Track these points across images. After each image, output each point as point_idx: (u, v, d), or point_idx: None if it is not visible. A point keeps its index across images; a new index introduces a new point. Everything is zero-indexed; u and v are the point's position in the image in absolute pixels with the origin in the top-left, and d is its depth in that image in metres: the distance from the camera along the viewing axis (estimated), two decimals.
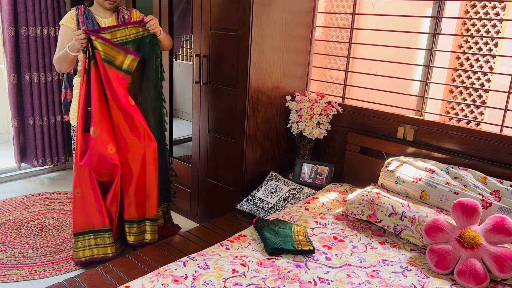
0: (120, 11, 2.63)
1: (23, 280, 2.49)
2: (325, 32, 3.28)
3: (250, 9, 2.59)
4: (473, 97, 2.85)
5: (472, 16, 2.78)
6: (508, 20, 2.59)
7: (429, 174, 2.36)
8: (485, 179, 2.28)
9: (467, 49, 2.85)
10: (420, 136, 2.65)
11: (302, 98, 2.93)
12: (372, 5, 3.05)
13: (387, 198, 2.28)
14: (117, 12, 2.61)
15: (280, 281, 1.78)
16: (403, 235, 2.14)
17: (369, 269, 1.91)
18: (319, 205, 2.50)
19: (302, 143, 3.00)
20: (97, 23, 2.54)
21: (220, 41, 2.80)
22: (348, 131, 2.92)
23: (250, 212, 2.70)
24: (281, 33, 2.82)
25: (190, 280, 1.76)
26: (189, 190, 3.26)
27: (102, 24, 2.57)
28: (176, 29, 3.27)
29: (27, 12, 3.61)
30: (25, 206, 3.40)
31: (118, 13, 2.61)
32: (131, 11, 2.66)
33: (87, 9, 2.55)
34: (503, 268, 1.82)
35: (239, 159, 2.85)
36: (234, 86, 2.79)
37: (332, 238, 2.15)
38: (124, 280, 1.91)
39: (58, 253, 2.75)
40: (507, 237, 1.89)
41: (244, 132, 2.80)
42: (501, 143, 2.37)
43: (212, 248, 2.03)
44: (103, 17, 2.57)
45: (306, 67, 3.11)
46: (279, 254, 1.98)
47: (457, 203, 2.01)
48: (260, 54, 2.72)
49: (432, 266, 1.93)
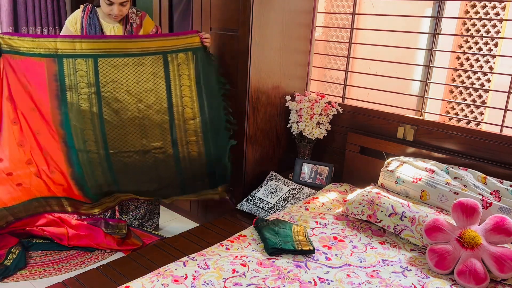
0: (129, 17, 2.56)
1: (23, 280, 2.48)
2: (325, 32, 3.28)
3: (250, 9, 2.59)
4: (473, 97, 2.85)
5: (472, 16, 2.78)
6: (508, 20, 2.59)
7: (429, 174, 2.35)
8: (485, 179, 2.28)
9: (467, 49, 2.85)
10: (420, 136, 2.65)
11: (302, 98, 2.93)
12: (372, 5, 3.05)
13: (387, 198, 2.28)
14: (126, 18, 2.55)
15: (280, 281, 1.78)
16: (403, 235, 2.14)
17: (369, 269, 1.91)
18: (319, 205, 2.50)
19: (302, 143, 3.00)
20: (100, 28, 2.49)
21: (220, 41, 2.80)
22: (348, 131, 2.92)
23: (250, 212, 2.70)
24: (281, 33, 2.82)
25: (190, 280, 1.76)
26: None
27: (107, 30, 2.51)
28: (176, 29, 3.27)
29: (27, 12, 3.61)
30: None
31: (126, 19, 2.55)
32: (142, 17, 2.59)
33: (95, 10, 2.48)
34: (503, 268, 1.82)
35: (239, 159, 2.85)
36: (234, 86, 2.79)
37: (332, 238, 2.15)
38: (124, 280, 1.91)
39: (58, 253, 2.75)
40: (507, 237, 1.89)
41: (244, 132, 2.79)
42: (501, 143, 2.37)
43: (212, 248, 2.03)
44: (110, 22, 2.52)
45: (306, 67, 3.11)
46: (279, 254, 1.98)
47: (457, 203, 2.01)
48: (260, 54, 2.72)
49: (432, 266, 1.93)
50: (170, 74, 2.49)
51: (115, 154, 2.46)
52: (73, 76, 2.33)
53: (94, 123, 2.38)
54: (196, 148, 2.60)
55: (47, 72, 2.31)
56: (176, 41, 2.51)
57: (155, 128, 2.50)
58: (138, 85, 2.43)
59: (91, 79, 2.35)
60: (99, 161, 2.45)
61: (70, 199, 2.61)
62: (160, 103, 2.49)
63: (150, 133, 2.49)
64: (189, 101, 2.54)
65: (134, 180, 2.59)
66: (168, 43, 2.49)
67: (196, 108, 2.56)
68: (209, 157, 2.64)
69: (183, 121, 2.55)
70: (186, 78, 2.52)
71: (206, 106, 2.58)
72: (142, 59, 2.42)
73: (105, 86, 2.37)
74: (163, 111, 2.50)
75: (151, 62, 2.44)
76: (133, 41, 2.42)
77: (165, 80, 2.48)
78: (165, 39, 2.51)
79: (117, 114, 2.41)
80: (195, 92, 2.55)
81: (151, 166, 2.55)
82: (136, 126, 2.46)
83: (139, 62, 2.41)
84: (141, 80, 2.43)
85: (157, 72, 2.46)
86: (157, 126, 2.50)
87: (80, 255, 2.74)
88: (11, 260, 2.54)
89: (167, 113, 2.51)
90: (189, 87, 2.54)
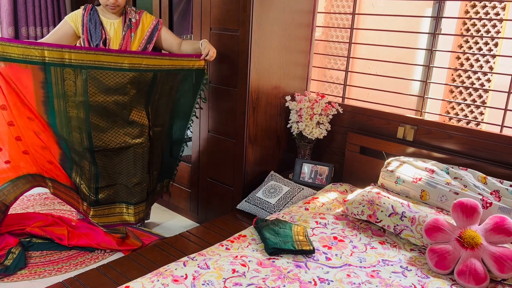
0: (128, 13, 2.56)
1: (23, 280, 2.49)
2: (325, 32, 3.28)
3: (250, 9, 2.59)
4: (473, 97, 2.85)
5: (472, 16, 2.78)
6: (508, 20, 2.59)
7: (429, 174, 2.36)
8: (485, 179, 2.28)
9: (467, 49, 2.85)
10: (420, 136, 2.65)
11: (302, 98, 2.93)
12: (372, 5, 3.05)
13: (387, 198, 2.28)
14: (125, 14, 2.55)
15: (280, 281, 1.78)
16: (403, 235, 2.14)
17: (369, 269, 1.91)
18: (319, 205, 2.50)
19: (302, 143, 3.00)
20: (100, 23, 2.49)
21: (220, 41, 2.80)
22: (348, 131, 2.92)
23: (250, 212, 2.70)
24: (281, 33, 2.82)
25: (190, 280, 1.76)
26: (189, 190, 3.26)
27: (107, 25, 2.51)
28: (176, 29, 3.27)
29: (27, 12, 3.61)
30: (25, 206, 3.39)
31: (125, 15, 2.55)
32: (140, 14, 2.59)
33: (95, 9, 2.51)
34: (503, 268, 1.82)
35: (239, 159, 2.85)
36: (234, 86, 2.79)
37: (332, 238, 2.15)
38: (124, 280, 1.91)
39: (57, 253, 2.75)
40: (507, 237, 1.89)
41: (244, 132, 2.80)
42: (501, 143, 2.37)
43: (212, 248, 2.03)
44: (110, 18, 2.52)
45: (306, 67, 3.11)
46: (279, 254, 1.98)
47: (457, 203, 2.01)
48: (260, 54, 2.72)
49: (432, 266, 1.93)
50: (155, 86, 2.49)
51: (100, 151, 2.47)
52: (61, 85, 2.28)
53: (81, 128, 2.38)
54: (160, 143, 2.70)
55: (33, 79, 2.25)
56: (173, 61, 2.48)
57: (137, 127, 2.51)
58: (125, 97, 2.40)
59: (79, 89, 2.29)
60: (84, 155, 2.47)
61: (55, 181, 2.65)
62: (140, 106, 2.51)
63: (132, 132, 2.51)
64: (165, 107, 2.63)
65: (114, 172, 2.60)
66: (165, 62, 2.45)
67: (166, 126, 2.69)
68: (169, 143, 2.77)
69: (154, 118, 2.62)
70: (167, 89, 2.56)
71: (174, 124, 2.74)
72: (134, 73, 2.37)
73: (92, 96, 2.32)
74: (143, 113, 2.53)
75: (142, 75, 2.40)
76: (126, 56, 2.33)
77: (147, 94, 2.48)
78: (161, 59, 2.45)
79: (103, 119, 2.40)
80: (169, 113, 2.66)
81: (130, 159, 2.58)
82: (120, 128, 2.46)
83: (131, 76, 2.37)
84: (130, 92, 2.41)
85: (146, 85, 2.45)
86: (138, 125, 2.52)
87: (80, 255, 2.74)
88: (11, 260, 2.54)
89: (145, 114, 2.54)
90: (166, 105, 2.62)
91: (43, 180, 2.66)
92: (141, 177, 2.60)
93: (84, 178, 2.56)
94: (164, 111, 2.64)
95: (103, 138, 2.44)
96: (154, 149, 2.66)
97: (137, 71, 2.37)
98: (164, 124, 2.69)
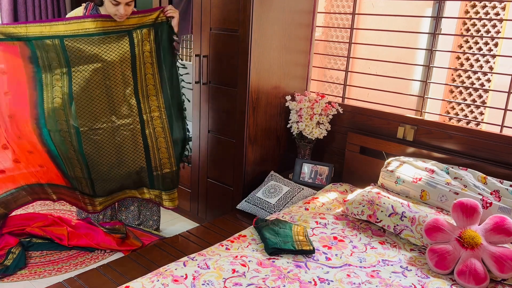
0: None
1: (23, 280, 2.49)
2: (325, 32, 3.28)
3: (250, 9, 2.59)
4: (473, 97, 2.85)
5: (472, 16, 2.78)
6: (508, 20, 2.59)
7: (429, 174, 2.36)
8: (485, 179, 2.28)
9: (467, 49, 2.85)
10: (420, 136, 2.65)
11: (302, 98, 2.93)
12: (372, 5, 3.05)
13: (387, 198, 2.28)
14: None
15: (280, 281, 1.78)
16: (403, 235, 2.14)
17: (369, 269, 1.91)
18: (319, 205, 2.50)
19: (302, 143, 3.00)
20: None
21: (220, 41, 2.80)
22: (348, 131, 2.92)
23: (250, 212, 2.70)
24: (281, 33, 2.82)
25: (190, 280, 1.76)
26: (189, 190, 3.26)
27: None
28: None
29: (27, 12, 3.61)
30: (25, 206, 3.39)
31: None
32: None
33: (96, 8, 2.52)
34: (503, 268, 1.82)
35: (239, 159, 2.85)
36: (234, 86, 2.79)
37: (332, 238, 2.15)
38: (124, 280, 1.91)
39: (58, 253, 2.75)
40: (507, 237, 1.89)
41: (244, 132, 2.80)
42: (501, 143, 2.37)
43: (212, 248, 2.03)
44: None
45: (306, 67, 3.11)
46: (279, 254, 1.98)
47: (457, 203, 2.01)
48: (260, 54, 2.72)
49: (432, 266, 1.93)
50: (135, 51, 2.54)
51: (85, 132, 2.53)
52: (46, 58, 2.42)
53: (64, 102, 2.47)
54: (160, 123, 2.69)
55: (21, 55, 2.41)
56: (139, 19, 2.52)
57: (123, 104, 2.57)
58: (104, 64, 2.48)
59: (61, 59, 2.43)
60: (70, 139, 2.52)
61: (53, 185, 2.69)
62: (126, 80, 2.56)
63: (118, 110, 2.57)
64: (151, 78, 2.63)
65: (105, 162, 2.63)
66: (132, 21, 2.50)
67: (158, 85, 2.65)
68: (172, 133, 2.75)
69: (146, 97, 2.64)
70: (148, 56, 2.58)
71: (166, 82, 2.67)
72: (108, 37, 2.46)
73: (74, 65, 2.44)
74: (130, 88, 2.58)
75: (116, 39, 2.48)
76: (92, 20, 2.43)
77: (131, 57, 2.54)
78: (127, 17, 2.51)
79: (86, 91, 2.48)
80: (157, 70, 2.63)
81: (119, 145, 2.62)
82: (104, 103, 2.53)
83: (104, 40, 2.46)
84: (108, 57, 2.48)
85: (123, 49, 2.50)
86: (124, 102, 2.58)
87: (80, 255, 2.74)
88: (11, 260, 2.54)
89: (133, 91, 2.59)
90: (151, 64, 2.61)
91: (42, 188, 2.69)
92: (133, 164, 2.67)
93: (77, 171, 2.61)
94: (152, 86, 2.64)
95: (87, 113, 2.49)
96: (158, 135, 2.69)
97: (106, 34, 2.45)
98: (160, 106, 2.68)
